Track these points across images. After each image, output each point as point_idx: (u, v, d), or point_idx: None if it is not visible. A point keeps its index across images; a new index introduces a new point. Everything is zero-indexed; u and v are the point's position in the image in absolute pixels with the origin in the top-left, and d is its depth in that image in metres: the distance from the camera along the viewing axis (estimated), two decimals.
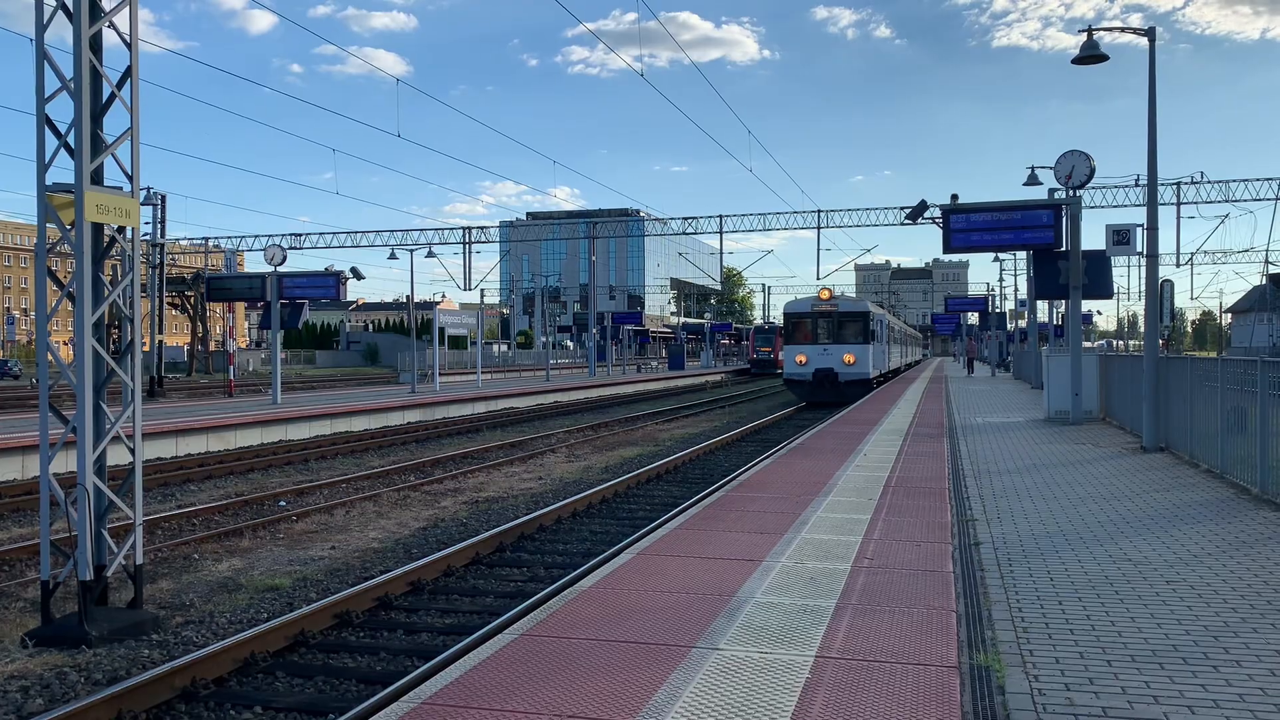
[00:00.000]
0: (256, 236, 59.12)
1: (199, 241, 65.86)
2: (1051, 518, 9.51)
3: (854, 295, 37.97)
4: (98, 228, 8.25)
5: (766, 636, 5.66)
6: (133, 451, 8.49)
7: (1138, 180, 45.35)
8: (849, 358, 33.32)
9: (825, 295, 34.84)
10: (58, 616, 8.00)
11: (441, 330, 42.81)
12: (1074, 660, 5.28)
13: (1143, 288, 19.29)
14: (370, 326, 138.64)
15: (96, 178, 8.16)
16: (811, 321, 34.33)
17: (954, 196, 22.46)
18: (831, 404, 31.68)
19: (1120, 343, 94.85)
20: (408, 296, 46.01)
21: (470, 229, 58.56)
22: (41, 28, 8.01)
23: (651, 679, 4.97)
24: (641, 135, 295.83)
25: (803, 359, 33.77)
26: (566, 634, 5.75)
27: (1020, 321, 60.96)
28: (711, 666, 5.15)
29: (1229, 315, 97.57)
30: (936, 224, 23.09)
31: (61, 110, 8.18)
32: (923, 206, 28.37)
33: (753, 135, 45.27)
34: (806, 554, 7.87)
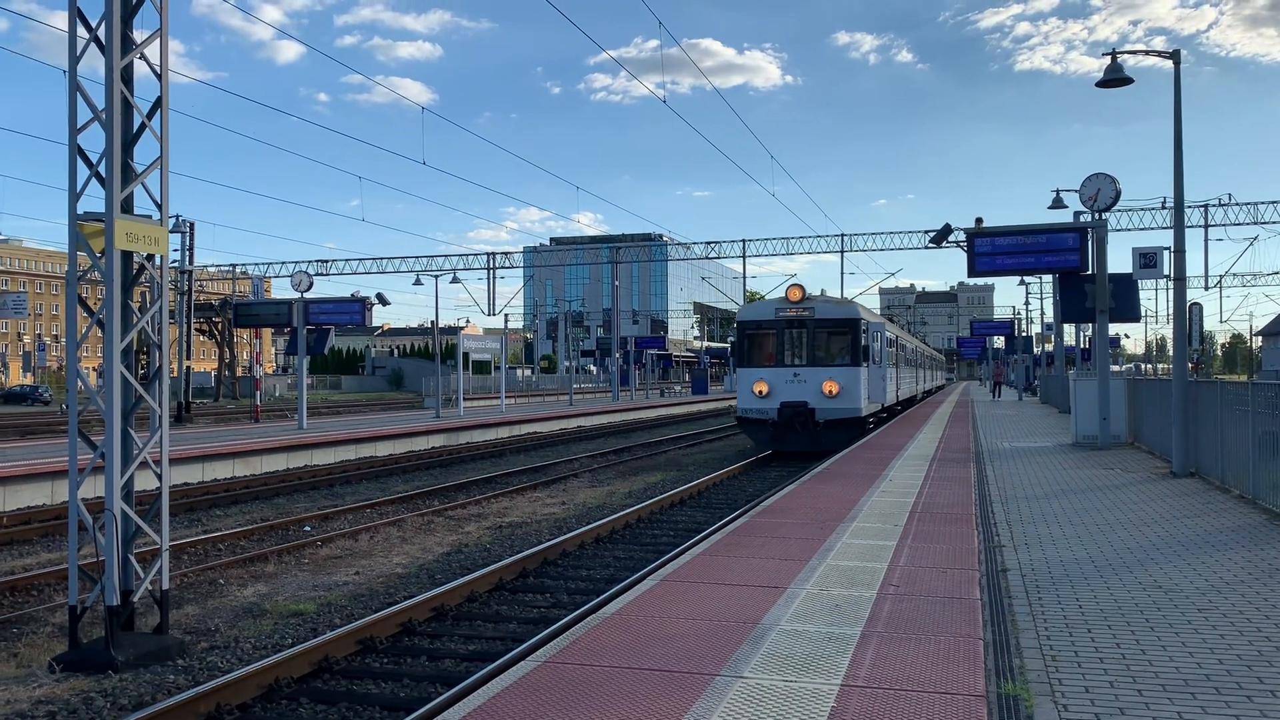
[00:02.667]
0: (284, 263, 59.84)
1: (227, 268, 66.63)
2: (1080, 544, 9.39)
3: (842, 297, 27.04)
4: (127, 255, 8.35)
5: (791, 665, 5.61)
6: (160, 477, 8.55)
7: (1164, 203, 45.14)
8: (830, 386, 23.26)
9: (795, 295, 24.22)
10: (85, 641, 8.05)
11: (466, 355, 42.97)
12: (1104, 689, 5.21)
13: (1171, 311, 19.07)
14: (395, 352, 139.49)
15: (126, 206, 8.27)
16: (776, 334, 24.12)
17: (978, 220, 22.38)
18: (804, 454, 22.85)
19: (1149, 366, 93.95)
20: (432, 322, 46.24)
21: (494, 254, 59.01)
22: (75, 60, 8.16)
23: (675, 707, 4.93)
24: (664, 161, 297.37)
25: (762, 388, 23.68)
26: (590, 661, 5.72)
27: (1047, 345, 60.59)
28: (736, 695, 5.10)
29: (1260, 338, 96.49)
30: (961, 247, 23.03)
31: (93, 140, 8.32)
32: (947, 230, 28.30)
33: (775, 160, 45.37)
34: (831, 581, 7.81)
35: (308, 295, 30.32)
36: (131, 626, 8.28)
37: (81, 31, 8.26)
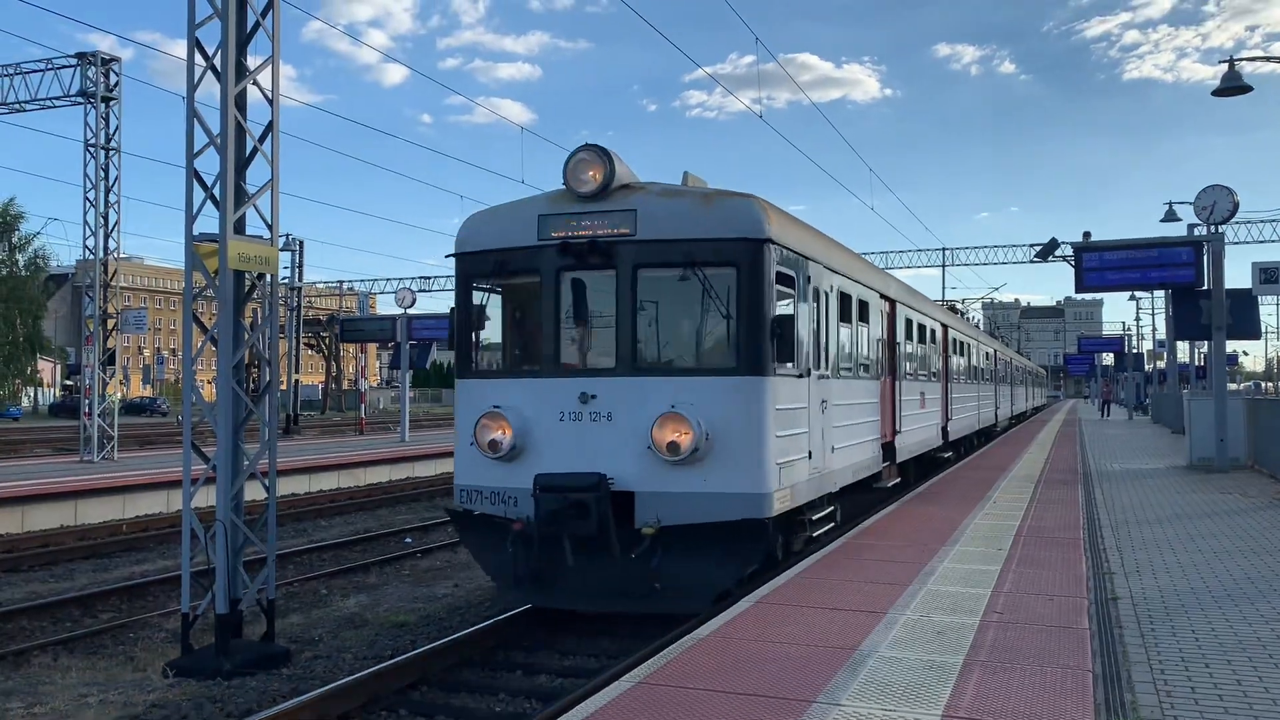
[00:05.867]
0: (388, 279, 61.27)
1: (334, 285, 68.59)
2: (1196, 572, 9.00)
3: (728, 191, 8.69)
4: (239, 274, 8.66)
5: (891, 693, 5.49)
6: (268, 489, 8.82)
7: None
8: (673, 431, 8.19)
9: (589, 178, 8.62)
10: (196, 648, 8.33)
11: None
12: None
13: None
14: None
15: (239, 227, 8.58)
16: (541, 286, 8.86)
17: (1086, 234, 21.74)
18: (607, 617, 9.06)
19: (1270, 385, 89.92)
20: None
21: None
22: (193, 88, 8.50)
23: None
24: (760, 175, 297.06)
25: (500, 431, 8.69)
26: (684, 683, 5.68)
27: (1159, 362, 58.43)
28: None
29: None
30: (1068, 262, 22.39)
31: (209, 163, 8.65)
32: (1053, 244, 27.57)
33: (874, 173, 44.54)
34: (933, 606, 7.62)
35: (411, 311, 31.04)
36: (240, 634, 8.55)
37: (199, 60, 8.61)
